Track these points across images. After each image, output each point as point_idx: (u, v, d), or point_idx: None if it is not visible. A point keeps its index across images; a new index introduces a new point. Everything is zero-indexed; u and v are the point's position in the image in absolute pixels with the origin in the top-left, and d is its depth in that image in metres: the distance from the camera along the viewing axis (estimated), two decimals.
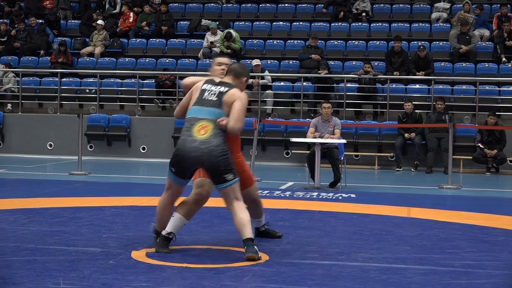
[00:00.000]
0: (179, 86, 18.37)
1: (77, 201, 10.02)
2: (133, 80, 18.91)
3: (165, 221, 6.65)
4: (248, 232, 6.35)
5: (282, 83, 18.72)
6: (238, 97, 6.59)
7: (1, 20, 22.03)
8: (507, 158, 15.78)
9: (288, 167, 16.59)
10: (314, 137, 12.72)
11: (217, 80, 6.75)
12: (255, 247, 6.31)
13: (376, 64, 18.58)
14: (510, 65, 18.41)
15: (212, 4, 22.51)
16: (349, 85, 17.93)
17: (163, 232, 6.63)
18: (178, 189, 6.65)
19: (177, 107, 6.98)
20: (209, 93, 6.60)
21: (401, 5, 21.75)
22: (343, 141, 12.95)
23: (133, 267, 6.02)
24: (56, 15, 22.08)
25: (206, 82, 6.72)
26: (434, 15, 20.81)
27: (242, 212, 6.45)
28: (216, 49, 19.68)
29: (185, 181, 6.60)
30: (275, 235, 7.52)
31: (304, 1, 22.46)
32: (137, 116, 18.07)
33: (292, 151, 17.00)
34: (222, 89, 6.61)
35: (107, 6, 22.15)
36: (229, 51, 19.30)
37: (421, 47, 18.05)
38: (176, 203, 6.72)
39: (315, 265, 6.26)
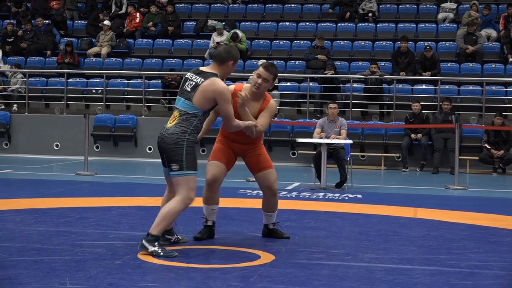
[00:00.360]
0: None
1: (84, 201, 10.03)
2: (140, 81, 18.94)
3: None
4: (154, 228, 6.37)
5: (288, 84, 18.72)
6: (214, 92, 6.42)
7: (8, 21, 22.10)
8: None
9: (294, 168, 16.59)
10: (320, 138, 12.72)
11: (200, 69, 6.66)
12: (145, 243, 6.34)
13: (383, 64, 18.57)
14: None
15: (218, 5, 22.52)
16: (355, 85, 17.93)
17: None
18: (169, 179, 6.68)
19: None
20: (188, 83, 6.57)
21: (407, 5, 21.73)
22: (349, 141, 12.95)
23: (139, 267, 6.02)
24: (63, 16, 22.13)
25: (194, 70, 6.67)
26: (441, 15, 20.79)
27: (167, 206, 6.44)
28: None
29: (167, 169, 6.61)
30: (282, 235, 7.50)
31: (310, 1, 22.46)
32: (143, 116, 18.09)
33: (298, 152, 17.00)
34: (199, 80, 6.51)
35: (113, 6, 22.17)
36: None
37: (427, 47, 18.03)
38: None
39: (321, 266, 6.26)
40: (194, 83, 6.50)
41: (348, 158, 13.02)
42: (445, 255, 6.82)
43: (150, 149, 17.56)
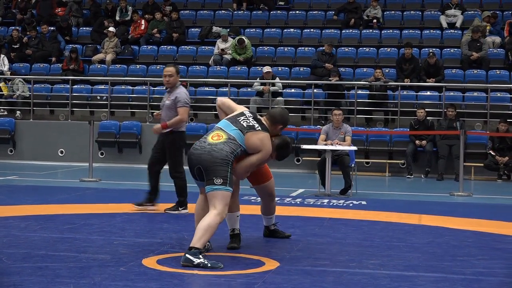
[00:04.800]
0: (190, 93, 18.40)
1: (88, 207, 10.03)
2: (144, 87, 18.96)
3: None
4: (196, 241, 6.36)
5: (293, 90, 18.72)
6: (261, 146, 6.77)
7: (13, 28, 22.15)
8: None
9: (299, 174, 16.58)
10: (325, 145, 12.71)
11: (258, 116, 7.01)
12: (190, 256, 6.29)
13: (387, 71, 18.56)
14: None
15: (223, 11, 22.55)
16: (360, 92, 17.92)
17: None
18: (202, 190, 6.82)
19: (224, 101, 7.26)
20: (244, 119, 6.85)
21: (412, 11, 21.72)
22: (354, 148, 12.94)
23: (143, 274, 6.02)
24: (68, 22, 22.17)
25: (250, 112, 7.02)
26: (445, 21, 20.74)
27: (206, 220, 6.46)
28: (227, 56, 19.71)
29: (200, 183, 6.73)
30: (284, 235, 7.79)
31: (315, 8, 22.48)
32: (148, 123, 18.10)
33: (303, 158, 16.98)
34: (256, 125, 6.82)
35: (118, 13, 22.20)
36: (241, 58, 19.33)
37: (431, 53, 18.02)
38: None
39: (326, 272, 6.25)
40: (251, 124, 6.81)
41: (353, 165, 13.01)
42: (449, 262, 6.81)
43: None
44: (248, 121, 6.83)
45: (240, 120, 6.83)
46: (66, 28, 21.88)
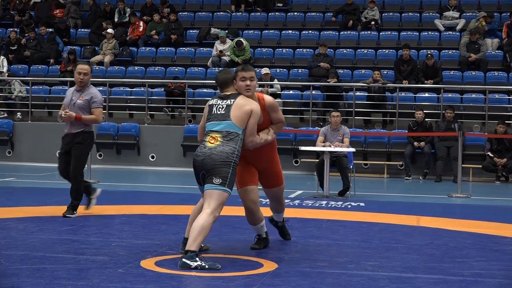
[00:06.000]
0: (189, 95, 18.43)
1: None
2: (143, 89, 18.96)
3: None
4: (191, 243, 6.33)
5: (291, 92, 18.73)
6: (251, 108, 6.69)
7: (11, 29, 22.14)
8: None
9: (297, 176, 16.58)
10: (324, 146, 12.71)
11: (221, 94, 6.89)
12: (186, 260, 6.26)
13: (385, 72, 18.57)
14: None
15: (221, 13, 22.55)
16: (358, 93, 17.93)
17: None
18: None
19: (198, 130, 7.10)
20: (216, 107, 6.76)
21: (410, 13, 21.74)
22: (352, 149, 12.95)
23: (142, 275, 6.02)
24: (66, 24, 22.16)
25: (213, 98, 6.91)
26: (443, 22, 20.76)
27: (200, 221, 6.41)
28: (226, 58, 19.71)
29: (203, 188, 6.68)
30: (285, 236, 7.80)
31: (313, 9, 22.49)
32: (146, 124, 18.11)
33: (301, 160, 16.99)
34: (230, 101, 6.73)
35: (116, 15, 22.20)
36: (239, 60, 19.34)
37: (429, 55, 18.03)
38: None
39: (324, 274, 6.25)
40: (224, 106, 6.71)
41: (351, 166, 13.01)
42: (448, 264, 6.81)
43: (153, 157, 17.56)
44: (221, 106, 6.74)
45: (215, 113, 6.73)
46: (64, 29, 21.88)
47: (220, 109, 6.72)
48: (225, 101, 6.76)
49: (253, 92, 6.89)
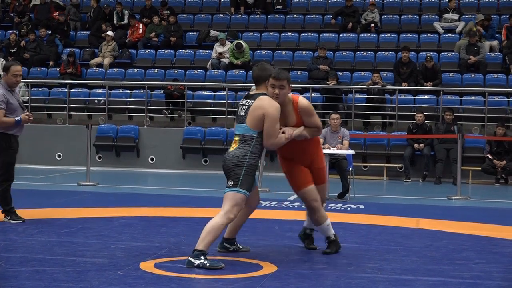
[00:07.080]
0: (188, 97, 18.43)
1: (86, 211, 10.02)
2: (142, 91, 18.95)
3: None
4: (199, 243, 6.42)
5: (290, 94, 18.68)
6: (263, 112, 6.62)
7: (11, 31, 22.13)
8: None
9: None
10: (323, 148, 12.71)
11: (249, 93, 6.92)
12: (191, 259, 6.34)
13: (385, 74, 18.56)
14: None
15: (220, 15, 22.55)
16: (357, 95, 17.93)
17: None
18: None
19: None
20: (241, 108, 6.81)
21: (409, 15, 21.74)
22: (352, 152, 12.94)
23: (141, 278, 6.02)
24: (66, 26, 22.15)
25: (244, 96, 6.94)
26: (442, 25, 20.77)
27: (211, 222, 6.51)
28: (225, 60, 19.71)
29: None
30: (310, 246, 7.55)
31: (312, 11, 22.49)
32: (145, 126, 18.10)
33: None
34: (250, 102, 6.74)
35: (115, 17, 22.20)
36: (239, 62, 19.34)
37: (428, 57, 18.02)
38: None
39: (324, 276, 6.25)
40: (246, 107, 6.73)
41: (351, 169, 13.01)
42: (447, 266, 6.81)
43: (152, 159, 17.55)
44: (244, 107, 6.74)
45: (239, 114, 6.78)
46: (64, 32, 21.87)
47: (242, 110, 6.78)
48: (248, 101, 6.77)
49: (282, 99, 6.81)
